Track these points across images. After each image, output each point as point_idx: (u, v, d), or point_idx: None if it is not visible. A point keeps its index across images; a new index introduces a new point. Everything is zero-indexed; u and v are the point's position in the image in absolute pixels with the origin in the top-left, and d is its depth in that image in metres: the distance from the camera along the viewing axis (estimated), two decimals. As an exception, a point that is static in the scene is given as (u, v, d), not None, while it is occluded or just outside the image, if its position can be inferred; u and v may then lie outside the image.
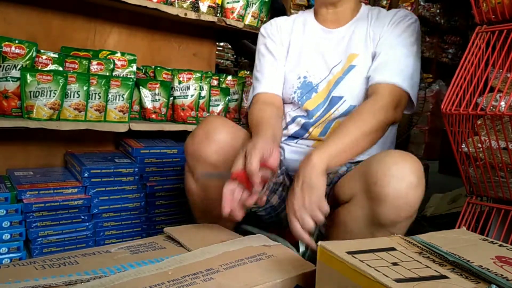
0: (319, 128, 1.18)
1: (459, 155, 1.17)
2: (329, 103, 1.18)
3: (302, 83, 1.22)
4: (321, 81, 1.20)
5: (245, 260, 0.79)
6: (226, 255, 0.81)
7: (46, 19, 1.52)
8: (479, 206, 1.20)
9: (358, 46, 1.19)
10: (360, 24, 1.21)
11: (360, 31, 1.20)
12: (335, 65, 1.20)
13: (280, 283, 0.72)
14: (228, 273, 0.73)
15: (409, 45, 1.14)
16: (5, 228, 1.18)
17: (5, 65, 1.23)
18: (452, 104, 1.07)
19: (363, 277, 0.54)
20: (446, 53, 5.00)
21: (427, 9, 4.62)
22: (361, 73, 1.16)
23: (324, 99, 1.19)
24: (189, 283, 0.69)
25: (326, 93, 1.19)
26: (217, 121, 1.11)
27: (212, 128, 1.08)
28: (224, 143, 1.07)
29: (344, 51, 1.20)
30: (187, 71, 1.63)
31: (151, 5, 1.46)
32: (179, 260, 0.77)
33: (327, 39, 1.23)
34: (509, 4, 1.07)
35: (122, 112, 1.44)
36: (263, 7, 1.81)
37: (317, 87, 1.20)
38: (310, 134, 1.19)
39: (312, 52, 1.23)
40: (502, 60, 1.10)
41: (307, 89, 1.21)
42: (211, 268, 0.75)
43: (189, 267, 0.75)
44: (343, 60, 1.19)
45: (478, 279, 0.56)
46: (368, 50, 1.18)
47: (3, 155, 1.47)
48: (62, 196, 1.31)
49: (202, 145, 1.07)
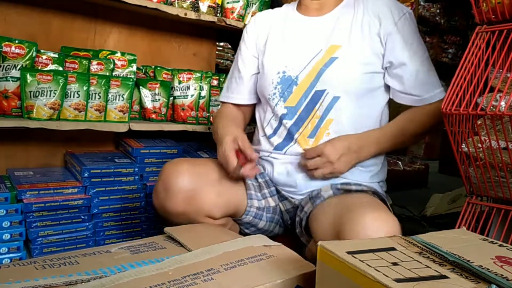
0: (308, 129, 1.14)
1: (459, 155, 1.17)
2: (311, 98, 1.14)
3: (281, 78, 1.18)
4: (300, 73, 1.15)
5: (246, 260, 0.79)
6: (226, 255, 0.81)
7: (46, 19, 1.52)
8: (479, 206, 1.20)
9: (341, 37, 1.14)
10: (346, 12, 1.17)
11: (345, 20, 1.16)
12: (315, 55, 1.15)
13: (280, 283, 0.72)
14: (228, 274, 0.73)
15: (424, 49, 1.17)
16: (5, 228, 1.18)
17: (5, 65, 1.23)
18: (452, 104, 1.07)
19: (363, 277, 0.54)
20: (446, 53, 5.00)
21: (427, 9, 4.62)
22: (343, 64, 1.12)
23: (305, 92, 1.14)
24: (190, 284, 0.69)
25: (307, 86, 1.14)
26: (174, 168, 1.06)
27: (170, 180, 1.03)
28: (188, 189, 1.03)
29: (325, 41, 1.15)
30: (187, 71, 1.63)
31: (151, 5, 1.46)
32: (180, 260, 0.77)
33: (307, 27, 1.20)
34: (509, 4, 1.07)
35: (122, 112, 1.44)
36: (263, 7, 1.81)
37: (296, 79, 1.16)
38: (297, 139, 1.14)
39: (291, 43, 1.20)
40: (502, 60, 1.10)
41: (287, 84, 1.17)
42: (212, 268, 0.75)
43: (189, 267, 0.75)
44: (323, 50, 1.14)
45: (478, 279, 0.56)
46: (355, 40, 1.13)
47: (3, 155, 1.47)
48: (62, 196, 1.31)
49: (165, 200, 1.04)
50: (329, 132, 1.12)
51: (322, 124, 1.13)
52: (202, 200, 1.05)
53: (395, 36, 1.12)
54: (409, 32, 1.14)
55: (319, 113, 1.13)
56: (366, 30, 1.13)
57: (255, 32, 1.28)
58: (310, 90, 1.14)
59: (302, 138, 1.14)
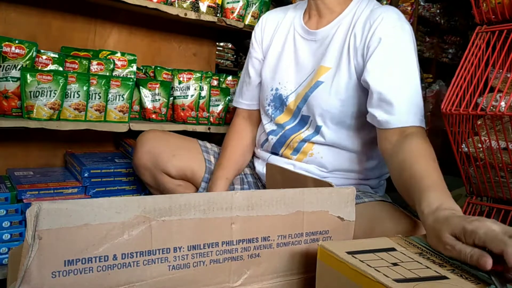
0: (289, 149, 1.15)
1: (459, 155, 1.17)
2: (299, 121, 1.14)
3: (274, 95, 1.18)
4: (290, 94, 1.14)
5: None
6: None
7: (46, 19, 1.52)
8: (479, 206, 1.20)
9: (331, 58, 1.07)
10: (341, 27, 1.08)
11: (338, 37, 1.07)
12: (307, 76, 1.11)
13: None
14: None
15: (416, 68, 1.00)
16: (5, 228, 1.18)
17: (5, 65, 1.23)
18: (452, 104, 1.07)
19: (363, 277, 0.54)
20: (446, 53, 5.00)
21: (427, 9, 4.62)
22: (328, 90, 1.06)
23: (294, 114, 1.14)
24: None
25: (294, 109, 1.13)
26: (145, 133, 1.27)
27: (140, 140, 1.25)
28: (150, 146, 1.22)
29: (317, 60, 1.10)
30: (187, 71, 1.63)
31: (151, 5, 1.46)
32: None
33: (306, 43, 1.14)
34: (509, 4, 1.07)
35: (122, 112, 1.44)
36: (263, 7, 1.81)
37: (286, 99, 1.15)
38: (283, 153, 1.16)
39: (289, 60, 1.16)
40: (502, 60, 1.10)
41: (279, 102, 1.17)
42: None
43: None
44: (314, 71, 1.10)
45: (478, 280, 0.56)
46: (343, 62, 1.04)
47: (3, 155, 1.47)
48: (62, 196, 1.31)
49: (135, 156, 1.25)
50: (313, 152, 1.12)
51: (305, 145, 1.13)
52: (159, 156, 1.20)
53: (382, 54, 0.99)
54: (397, 49, 1.00)
55: (302, 135, 1.13)
56: (354, 51, 1.04)
57: (260, 35, 1.26)
58: (297, 113, 1.14)
59: (286, 154, 1.16)
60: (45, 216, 0.50)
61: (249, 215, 0.65)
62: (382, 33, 0.99)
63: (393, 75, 0.97)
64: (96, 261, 0.54)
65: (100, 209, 0.54)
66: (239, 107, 1.33)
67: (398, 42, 1.00)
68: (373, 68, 0.99)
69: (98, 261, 0.54)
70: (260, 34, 1.26)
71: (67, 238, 0.52)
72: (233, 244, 0.65)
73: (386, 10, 1.03)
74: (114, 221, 0.54)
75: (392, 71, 0.98)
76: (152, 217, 0.57)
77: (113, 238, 0.55)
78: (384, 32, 0.99)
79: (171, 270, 0.60)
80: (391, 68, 0.98)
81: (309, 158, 1.12)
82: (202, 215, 0.61)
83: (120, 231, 0.55)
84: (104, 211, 0.54)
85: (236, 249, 0.65)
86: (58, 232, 0.51)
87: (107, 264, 0.55)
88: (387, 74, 0.97)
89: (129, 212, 0.55)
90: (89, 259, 0.54)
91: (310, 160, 1.12)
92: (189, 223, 0.60)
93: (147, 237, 0.57)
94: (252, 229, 0.66)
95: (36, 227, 0.49)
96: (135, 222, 0.56)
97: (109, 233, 0.54)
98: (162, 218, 0.58)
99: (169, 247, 0.59)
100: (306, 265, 0.71)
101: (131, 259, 0.56)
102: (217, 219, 0.62)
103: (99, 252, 0.54)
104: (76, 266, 0.53)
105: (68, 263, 0.52)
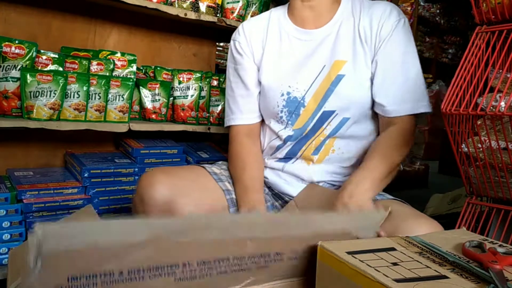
0: (311, 148, 1.12)
1: (459, 155, 1.17)
2: (319, 118, 1.10)
3: (287, 100, 1.12)
4: (306, 93, 1.11)
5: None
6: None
7: (46, 19, 1.52)
8: (479, 206, 1.20)
9: (345, 51, 1.09)
10: (345, 22, 1.11)
11: (346, 31, 1.10)
12: (318, 72, 1.10)
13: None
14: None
15: (415, 57, 1.09)
16: (5, 228, 1.18)
17: (5, 65, 1.23)
18: (452, 104, 1.07)
19: (363, 277, 0.54)
20: (446, 53, 5.01)
21: (427, 9, 4.62)
22: (352, 82, 1.08)
23: (313, 113, 1.10)
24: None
25: (315, 107, 1.10)
26: (149, 180, 1.00)
27: (146, 192, 0.98)
28: (164, 201, 0.97)
29: (328, 56, 1.10)
30: (187, 71, 1.63)
31: (151, 5, 1.46)
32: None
33: (306, 43, 1.13)
34: (509, 4, 1.07)
35: (122, 112, 1.44)
36: (263, 7, 1.81)
37: (303, 100, 1.11)
38: (302, 154, 1.13)
39: (291, 61, 1.14)
40: (502, 60, 1.10)
41: (294, 106, 1.11)
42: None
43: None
44: (327, 66, 1.09)
45: (478, 279, 0.56)
46: (358, 53, 1.08)
47: (3, 155, 1.47)
48: (62, 196, 1.31)
49: (143, 214, 0.99)
50: (334, 149, 1.12)
51: (327, 141, 1.11)
52: (179, 212, 0.97)
53: (387, 43, 1.07)
54: (405, 39, 1.08)
55: (325, 132, 1.11)
56: (361, 40, 1.09)
57: (247, 45, 1.20)
58: (318, 110, 1.10)
59: (306, 154, 1.13)
60: (48, 239, 0.49)
61: (267, 237, 0.64)
62: (390, 26, 1.08)
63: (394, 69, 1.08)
64: (101, 277, 0.53)
65: (107, 230, 0.53)
66: (239, 123, 1.20)
67: (401, 34, 1.10)
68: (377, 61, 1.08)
69: (104, 277, 0.53)
70: (246, 43, 1.20)
71: (71, 258, 0.51)
72: (245, 259, 0.64)
73: (385, 4, 1.12)
74: (122, 242, 0.53)
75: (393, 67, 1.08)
76: (164, 237, 0.56)
77: (121, 258, 0.54)
78: (391, 25, 1.09)
79: (176, 281, 0.59)
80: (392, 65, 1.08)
81: (331, 156, 1.11)
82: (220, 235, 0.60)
83: (127, 251, 0.54)
84: (111, 233, 0.53)
85: (247, 263, 0.65)
86: (61, 255, 0.50)
87: (112, 279, 0.54)
88: (388, 73, 1.08)
89: (138, 235, 0.54)
90: (94, 276, 0.53)
91: (332, 157, 1.11)
92: (204, 243, 0.59)
93: (157, 255, 0.56)
94: (266, 246, 0.65)
95: (39, 251, 0.48)
96: (145, 243, 0.55)
97: (117, 253, 0.53)
98: (175, 239, 0.57)
99: (178, 263, 0.58)
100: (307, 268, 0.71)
101: (138, 275, 0.56)
102: (234, 239, 0.62)
103: (104, 269, 0.53)
104: (79, 282, 0.52)
105: (72, 279, 0.52)
